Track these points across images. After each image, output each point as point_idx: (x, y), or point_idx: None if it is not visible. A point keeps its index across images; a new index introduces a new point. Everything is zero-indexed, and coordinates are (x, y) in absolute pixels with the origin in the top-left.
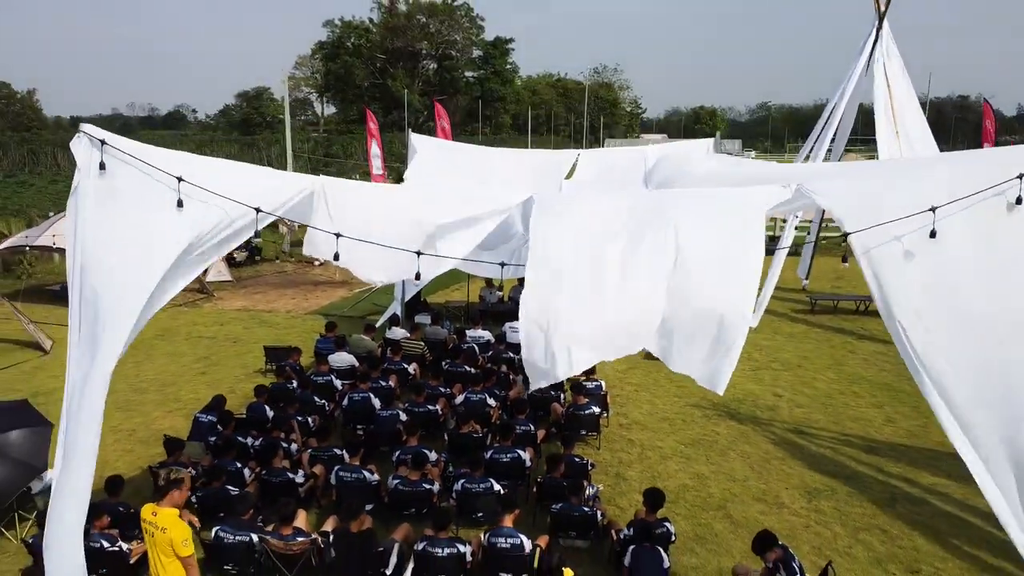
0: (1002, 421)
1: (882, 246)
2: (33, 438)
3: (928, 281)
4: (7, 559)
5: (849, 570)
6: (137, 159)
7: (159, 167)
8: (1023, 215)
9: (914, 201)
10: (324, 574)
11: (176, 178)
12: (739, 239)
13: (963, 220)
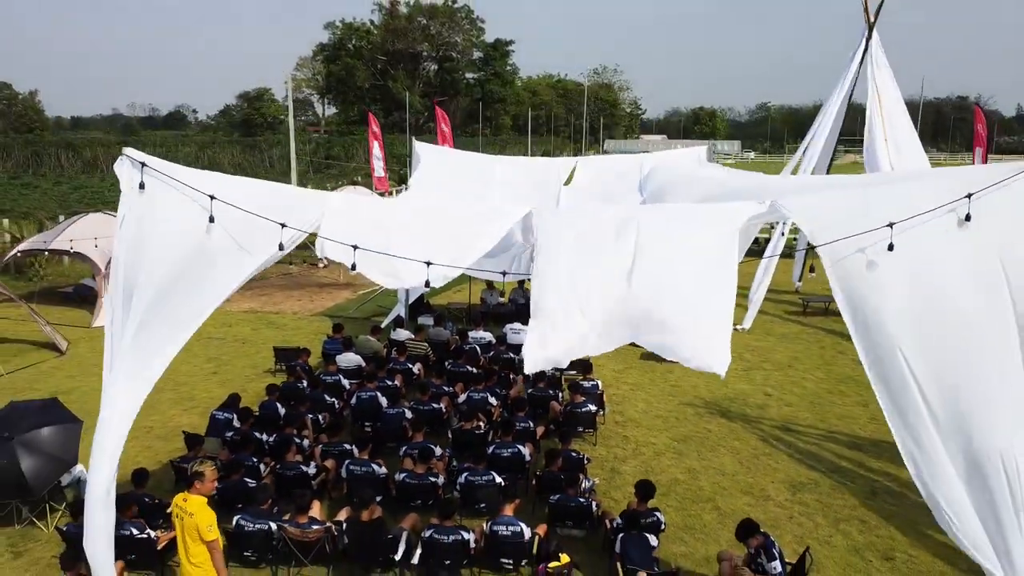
0: (954, 420)
1: (846, 258)
2: (64, 434)
3: (887, 290)
4: (39, 546)
5: (828, 557)
6: (174, 179)
7: (193, 186)
8: (973, 230)
9: (876, 216)
10: (338, 560)
11: (209, 196)
12: (718, 249)
13: (919, 234)
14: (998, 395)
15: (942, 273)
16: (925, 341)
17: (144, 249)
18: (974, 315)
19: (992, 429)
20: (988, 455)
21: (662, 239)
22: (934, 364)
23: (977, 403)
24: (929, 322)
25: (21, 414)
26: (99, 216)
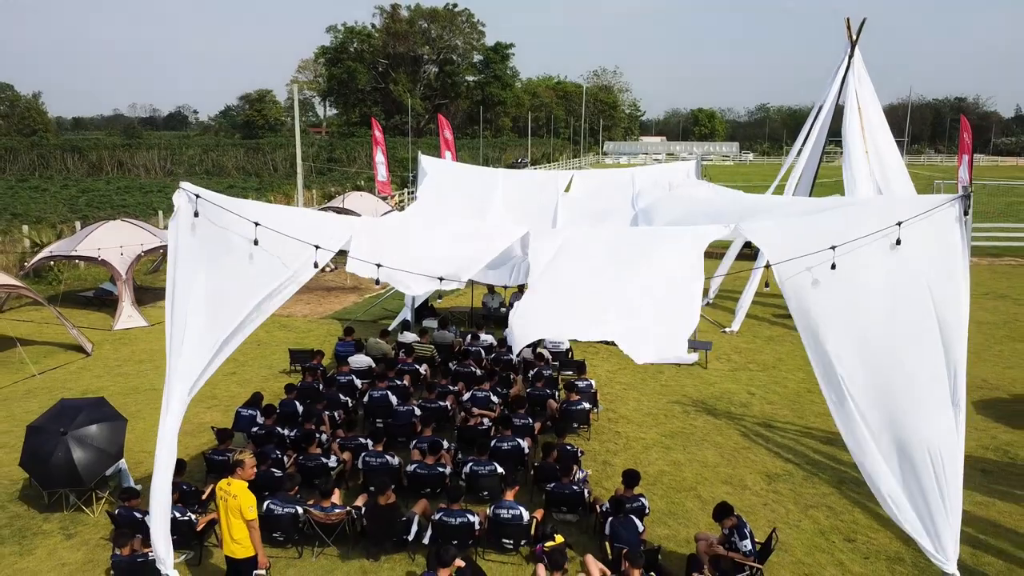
0: (886, 414)
1: (796, 275)
2: (111, 430)
3: (829, 304)
4: (87, 529)
5: (796, 539)
6: (223, 207)
7: (240, 214)
8: (902, 252)
9: (821, 240)
10: (357, 540)
11: (253, 223)
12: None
13: (858, 256)
14: (924, 394)
15: (876, 289)
16: (860, 348)
17: (198, 269)
18: (903, 326)
19: (919, 424)
20: (916, 447)
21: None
22: (868, 368)
23: (906, 401)
24: (864, 332)
25: (73, 411)
26: (118, 223)
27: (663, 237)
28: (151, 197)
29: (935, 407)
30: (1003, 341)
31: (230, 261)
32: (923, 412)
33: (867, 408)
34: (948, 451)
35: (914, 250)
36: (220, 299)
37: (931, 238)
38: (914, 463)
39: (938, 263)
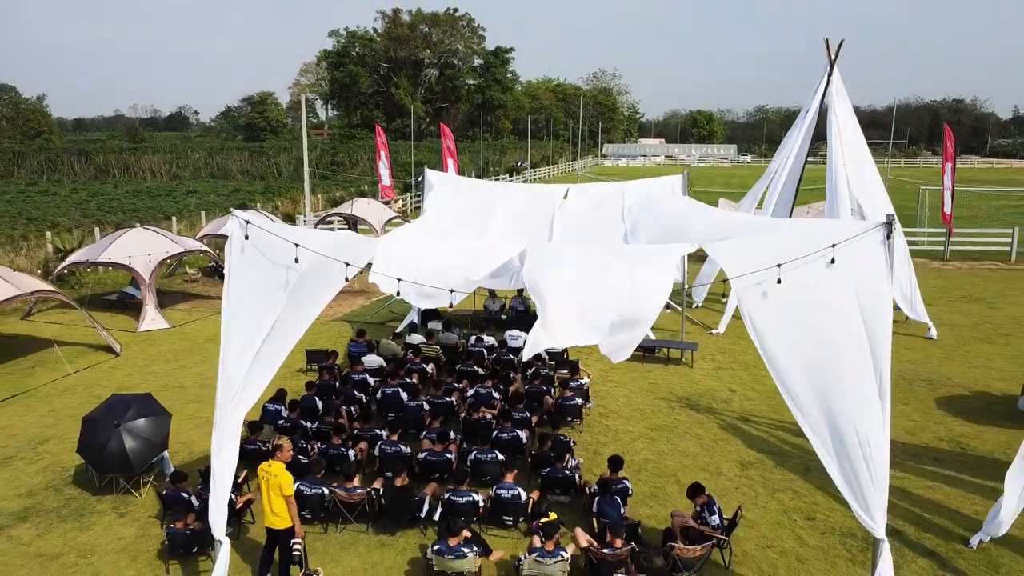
0: (827, 417)
1: (749, 288)
2: (157, 423)
3: (775, 312)
4: (136, 508)
5: (763, 517)
6: (270, 232)
7: (283, 236)
8: (836, 268)
9: (771, 257)
10: (375, 518)
11: (295, 244)
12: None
13: (799, 272)
14: (854, 388)
15: (814, 300)
16: (800, 350)
17: (248, 284)
18: (836, 331)
19: (850, 413)
20: (847, 432)
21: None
22: (807, 367)
23: (838, 394)
24: (804, 336)
25: (124, 405)
26: (140, 231)
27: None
28: (160, 201)
29: (863, 399)
30: (971, 342)
31: (275, 277)
32: (853, 403)
33: (806, 400)
34: (875, 436)
35: (846, 267)
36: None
37: (860, 257)
38: (846, 446)
39: (866, 278)
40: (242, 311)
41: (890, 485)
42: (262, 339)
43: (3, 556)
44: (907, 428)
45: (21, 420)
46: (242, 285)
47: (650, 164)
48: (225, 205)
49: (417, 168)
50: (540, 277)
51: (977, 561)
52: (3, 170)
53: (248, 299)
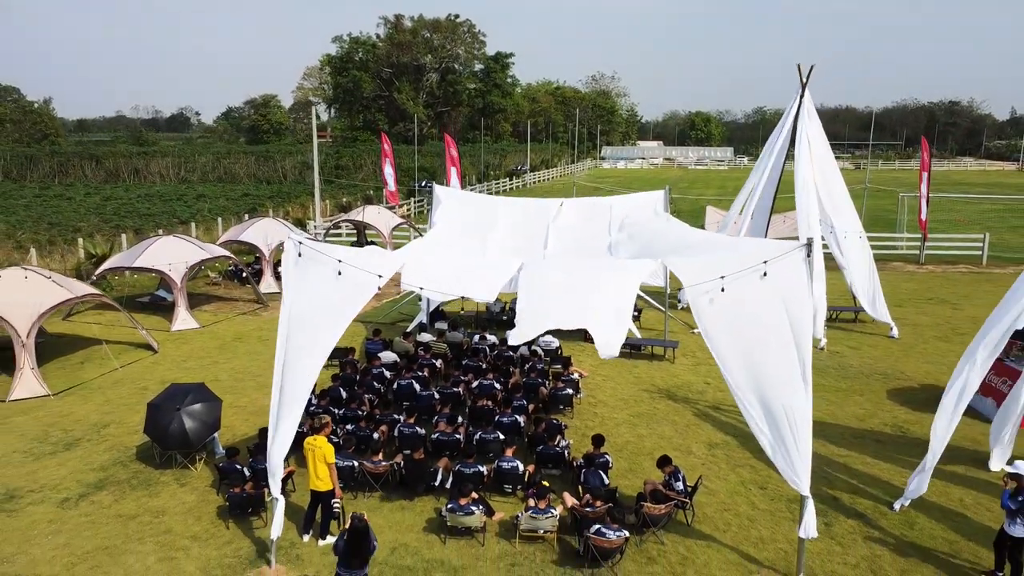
0: (759, 397)
1: (699, 296)
2: (210, 408)
3: (719, 316)
4: (194, 479)
5: (722, 487)
6: (318, 251)
7: (328, 254)
8: (768, 281)
9: (717, 271)
10: (396, 486)
11: (337, 260)
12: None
13: (739, 283)
14: (782, 377)
15: (750, 306)
16: (739, 346)
17: (301, 293)
18: (768, 330)
19: (779, 394)
20: (777, 411)
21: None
22: (744, 360)
23: (769, 381)
24: (741, 334)
25: (183, 393)
26: (170, 239)
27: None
28: (173, 205)
29: (789, 383)
30: (930, 341)
31: (322, 286)
32: (781, 387)
33: (743, 385)
34: (799, 413)
35: (776, 280)
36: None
37: (787, 272)
38: (776, 421)
39: (791, 289)
40: (297, 312)
41: (834, 461)
42: (313, 336)
43: (90, 516)
44: (857, 415)
45: (82, 408)
46: (298, 294)
47: (648, 167)
48: (236, 210)
49: (421, 173)
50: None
51: (897, 520)
52: (16, 174)
53: (302, 303)
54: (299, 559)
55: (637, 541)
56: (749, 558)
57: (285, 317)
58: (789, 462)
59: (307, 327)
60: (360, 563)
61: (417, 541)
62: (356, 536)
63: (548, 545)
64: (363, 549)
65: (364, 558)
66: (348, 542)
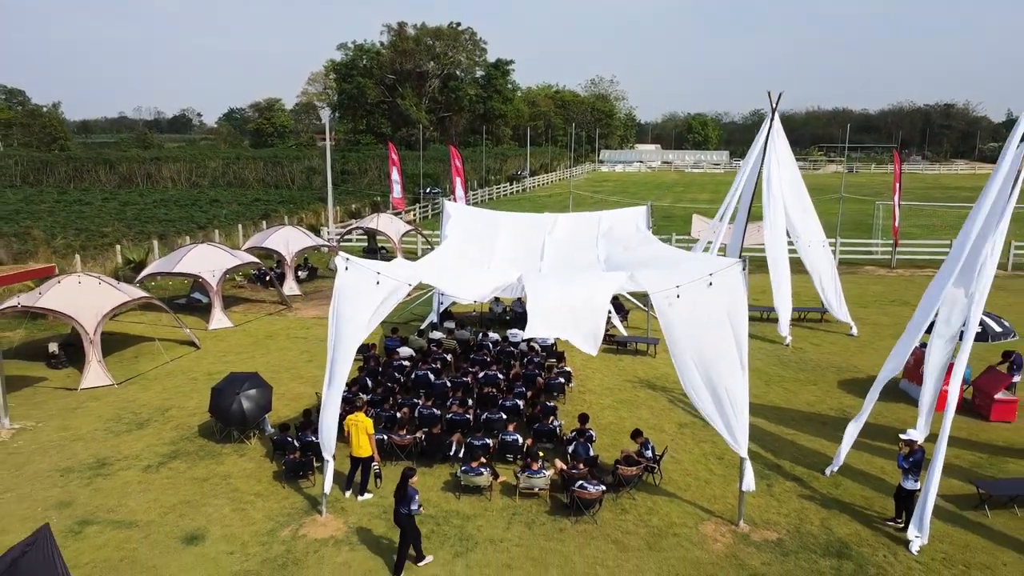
0: (706, 380)
1: (660, 302)
2: (263, 392)
3: (676, 319)
4: (250, 451)
5: (687, 457)
6: (361, 265)
7: (367, 267)
8: (714, 290)
9: (674, 280)
10: (418, 456)
11: (376, 272)
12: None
13: (690, 291)
14: (725, 365)
15: (699, 308)
16: (691, 340)
17: (347, 299)
18: (713, 328)
19: (722, 379)
20: (721, 391)
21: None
22: (695, 352)
23: (714, 368)
24: (692, 332)
25: (241, 379)
26: (205, 247)
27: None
28: (190, 211)
29: (730, 370)
30: (886, 338)
31: (364, 292)
32: (724, 374)
33: (693, 371)
34: (738, 392)
35: (719, 288)
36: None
37: (728, 282)
38: (720, 399)
39: (731, 297)
40: (345, 311)
41: (782, 438)
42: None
43: (170, 479)
44: (809, 401)
45: (144, 395)
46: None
47: (645, 170)
48: (251, 216)
49: (425, 180)
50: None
51: (826, 483)
52: (33, 179)
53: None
54: (343, 510)
55: (613, 497)
56: (703, 509)
57: (334, 314)
58: (730, 431)
59: (353, 322)
60: (403, 502)
61: (437, 497)
62: (403, 480)
63: (542, 500)
64: (404, 492)
65: (403, 497)
66: (398, 486)
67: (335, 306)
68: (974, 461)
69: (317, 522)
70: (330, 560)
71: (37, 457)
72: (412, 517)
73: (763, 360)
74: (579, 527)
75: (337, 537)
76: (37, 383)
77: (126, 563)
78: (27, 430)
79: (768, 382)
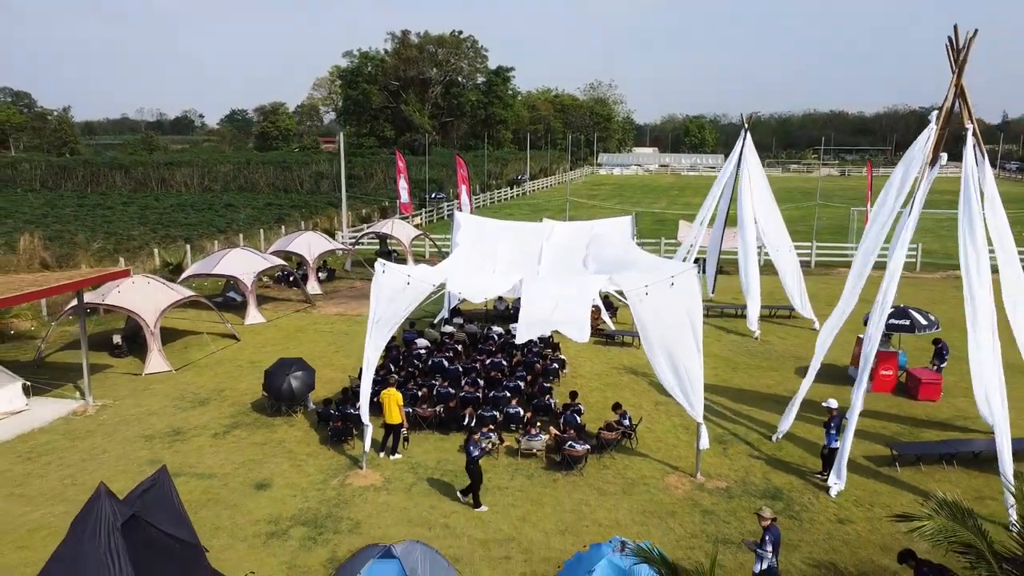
0: (669, 361)
1: (632, 300)
2: (308, 374)
3: (645, 313)
4: (298, 422)
5: (660, 427)
6: (395, 269)
7: (400, 270)
8: (675, 290)
9: (644, 281)
10: (437, 426)
11: (407, 275)
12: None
13: (657, 290)
14: (683, 349)
15: (664, 306)
16: (658, 329)
17: (383, 299)
18: (675, 320)
19: (682, 360)
20: (681, 371)
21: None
22: (661, 340)
23: (676, 349)
24: (658, 323)
25: (289, 363)
26: (239, 251)
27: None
28: (208, 215)
29: (687, 353)
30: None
31: (398, 292)
32: (683, 355)
33: (659, 355)
34: (695, 371)
35: (680, 288)
36: (392, 305)
37: (686, 283)
38: (680, 376)
39: (688, 294)
40: (381, 307)
41: (742, 413)
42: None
43: (236, 443)
44: (768, 385)
45: (199, 379)
46: (381, 295)
47: (642, 173)
48: (266, 220)
49: (431, 185)
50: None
51: (772, 447)
52: (52, 183)
53: (384, 300)
54: (379, 466)
55: (597, 457)
56: (669, 466)
57: (373, 308)
58: (689, 401)
59: (387, 315)
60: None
61: (454, 457)
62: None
63: (539, 459)
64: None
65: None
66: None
67: (373, 301)
68: (897, 431)
69: (359, 474)
70: (372, 500)
71: (122, 427)
72: (477, 462)
73: (733, 350)
74: (568, 479)
75: (376, 485)
76: (105, 369)
77: (213, 502)
78: (108, 407)
79: (735, 369)
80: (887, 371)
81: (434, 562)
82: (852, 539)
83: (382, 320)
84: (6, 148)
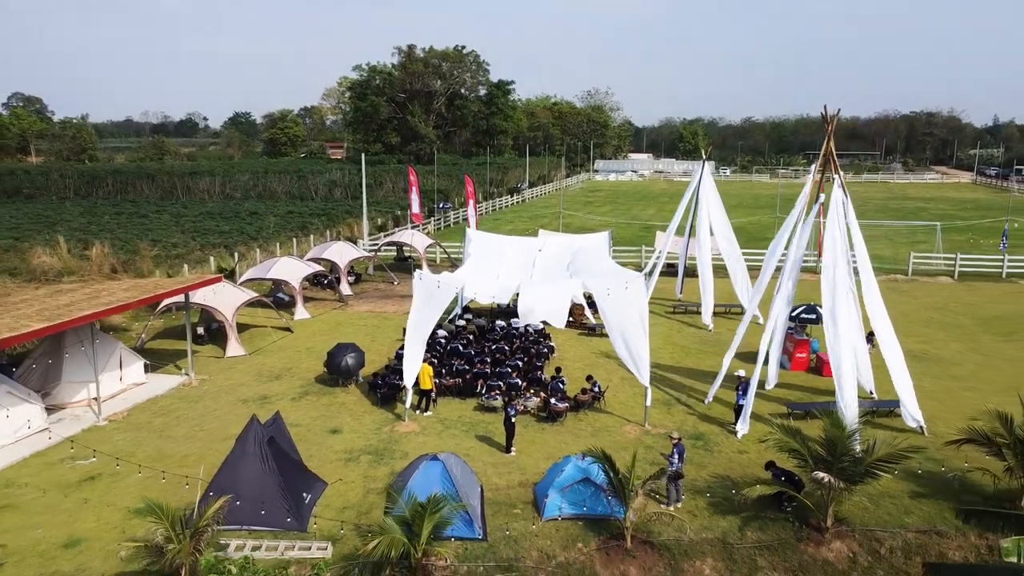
0: (624, 341)
1: (600, 300)
2: (360, 355)
3: (609, 307)
4: (352, 392)
5: (623, 396)
6: (428, 274)
7: (430, 276)
8: (629, 292)
9: (607, 285)
10: (458, 393)
11: (437, 278)
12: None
13: (616, 292)
14: (633, 332)
15: (620, 303)
16: (616, 320)
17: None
18: (630, 316)
19: (635, 346)
20: (635, 352)
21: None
22: (620, 326)
23: (629, 334)
24: (618, 317)
25: (346, 347)
26: (288, 259)
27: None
28: (236, 223)
29: (637, 336)
30: None
31: (431, 294)
32: (633, 337)
33: (619, 341)
34: (642, 349)
35: (632, 291)
36: (427, 303)
37: (637, 287)
38: (632, 352)
39: (638, 294)
40: (418, 305)
41: (685, 384)
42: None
43: (309, 404)
44: (711, 365)
45: (269, 361)
46: (420, 296)
47: (636, 179)
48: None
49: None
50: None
51: (704, 407)
52: (84, 192)
53: (422, 300)
54: (416, 420)
55: (574, 414)
56: (627, 420)
57: (416, 307)
58: (637, 370)
59: (423, 312)
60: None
61: (470, 414)
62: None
63: (532, 415)
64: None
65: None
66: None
67: (415, 299)
68: (800, 397)
69: (403, 424)
70: (414, 441)
71: (222, 395)
72: (511, 419)
73: (689, 340)
74: (553, 428)
75: (415, 432)
76: (195, 354)
77: (302, 440)
78: (207, 380)
79: (687, 353)
80: (802, 354)
81: (463, 468)
82: (744, 462)
83: (423, 318)
84: (27, 155)
